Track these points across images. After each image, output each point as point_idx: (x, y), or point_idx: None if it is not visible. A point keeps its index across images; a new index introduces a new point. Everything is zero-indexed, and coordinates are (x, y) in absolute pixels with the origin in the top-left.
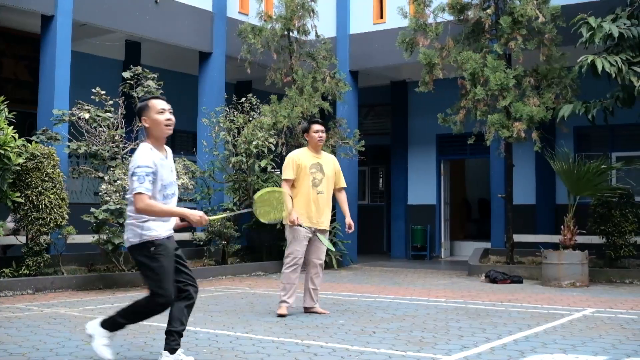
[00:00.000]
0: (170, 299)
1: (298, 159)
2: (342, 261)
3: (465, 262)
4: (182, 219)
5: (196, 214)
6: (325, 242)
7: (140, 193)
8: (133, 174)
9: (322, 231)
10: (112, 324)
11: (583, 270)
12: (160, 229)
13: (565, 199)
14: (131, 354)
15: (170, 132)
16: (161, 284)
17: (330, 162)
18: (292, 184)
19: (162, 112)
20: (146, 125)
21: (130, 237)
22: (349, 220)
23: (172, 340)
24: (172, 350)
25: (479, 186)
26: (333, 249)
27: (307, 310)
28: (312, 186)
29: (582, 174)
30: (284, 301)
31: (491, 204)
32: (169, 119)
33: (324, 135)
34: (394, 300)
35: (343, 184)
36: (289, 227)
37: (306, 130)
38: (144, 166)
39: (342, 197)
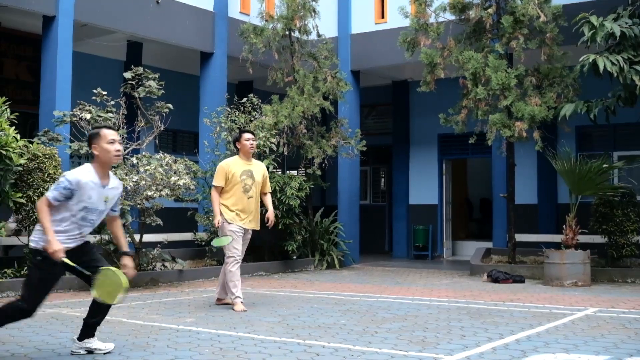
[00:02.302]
0: (33, 312)
1: (228, 167)
2: (344, 261)
3: (467, 261)
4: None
5: (52, 247)
6: (217, 243)
7: (46, 196)
8: (58, 179)
9: (248, 231)
10: None
11: (585, 269)
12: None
13: (567, 199)
14: (133, 353)
15: (119, 161)
16: (29, 293)
17: (260, 169)
18: (224, 190)
19: (112, 142)
20: (95, 152)
21: (32, 239)
22: (270, 213)
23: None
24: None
25: (480, 186)
26: (222, 244)
27: (220, 302)
28: (243, 192)
29: (583, 173)
30: (238, 297)
31: (493, 204)
32: (117, 150)
33: (254, 142)
34: (395, 300)
35: (268, 189)
36: (222, 230)
37: (237, 139)
38: (67, 180)
39: (267, 198)
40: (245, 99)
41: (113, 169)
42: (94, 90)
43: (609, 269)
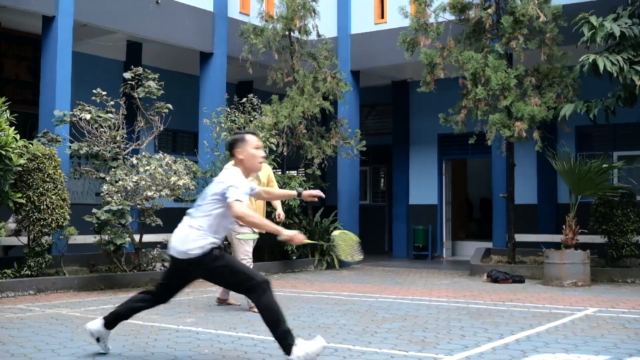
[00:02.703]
0: (264, 278)
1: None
2: (344, 261)
3: (467, 261)
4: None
5: (289, 235)
6: (244, 237)
7: (240, 200)
8: (231, 187)
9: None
10: (284, 346)
11: (585, 269)
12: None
13: (567, 199)
14: (132, 353)
15: (261, 168)
16: (245, 275)
17: (264, 171)
18: None
19: (257, 148)
20: (240, 157)
21: (192, 249)
22: (279, 211)
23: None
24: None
25: (480, 186)
26: (250, 238)
27: (221, 302)
28: None
29: (583, 173)
30: None
31: (493, 204)
32: (263, 156)
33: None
34: (395, 300)
35: (275, 188)
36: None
37: None
38: (248, 184)
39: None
40: (245, 99)
41: (113, 170)
42: (94, 91)
43: (608, 269)
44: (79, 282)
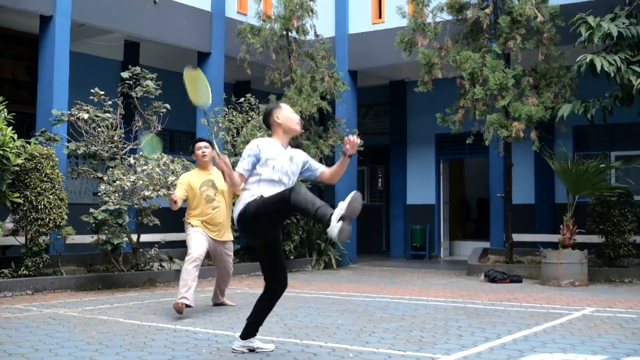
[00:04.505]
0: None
1: (188, 179)
2: (341, 261)
3: (464, 261)
4: None
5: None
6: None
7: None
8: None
9: (224, 242)
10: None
11: (582, 269)
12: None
13: (565, 198)
14: (130, 353)
15: (299, 129)
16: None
17: (221, 177)
18: (190, 205)
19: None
20: (278, 121)
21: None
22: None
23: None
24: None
25: (478, 186)
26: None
27: (216, 304)
28: (206, 203)
29: (581, 173)
30: (184, 297)
31: (490, 204)
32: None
33: (207, 150)
34: (393, 300)
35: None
36: (188, 228)
37: (192, 152)
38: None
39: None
40: (242, 99)
41: (111, 169)
42: (92, 90)
43: (606, 268)
44: (76, 282)
